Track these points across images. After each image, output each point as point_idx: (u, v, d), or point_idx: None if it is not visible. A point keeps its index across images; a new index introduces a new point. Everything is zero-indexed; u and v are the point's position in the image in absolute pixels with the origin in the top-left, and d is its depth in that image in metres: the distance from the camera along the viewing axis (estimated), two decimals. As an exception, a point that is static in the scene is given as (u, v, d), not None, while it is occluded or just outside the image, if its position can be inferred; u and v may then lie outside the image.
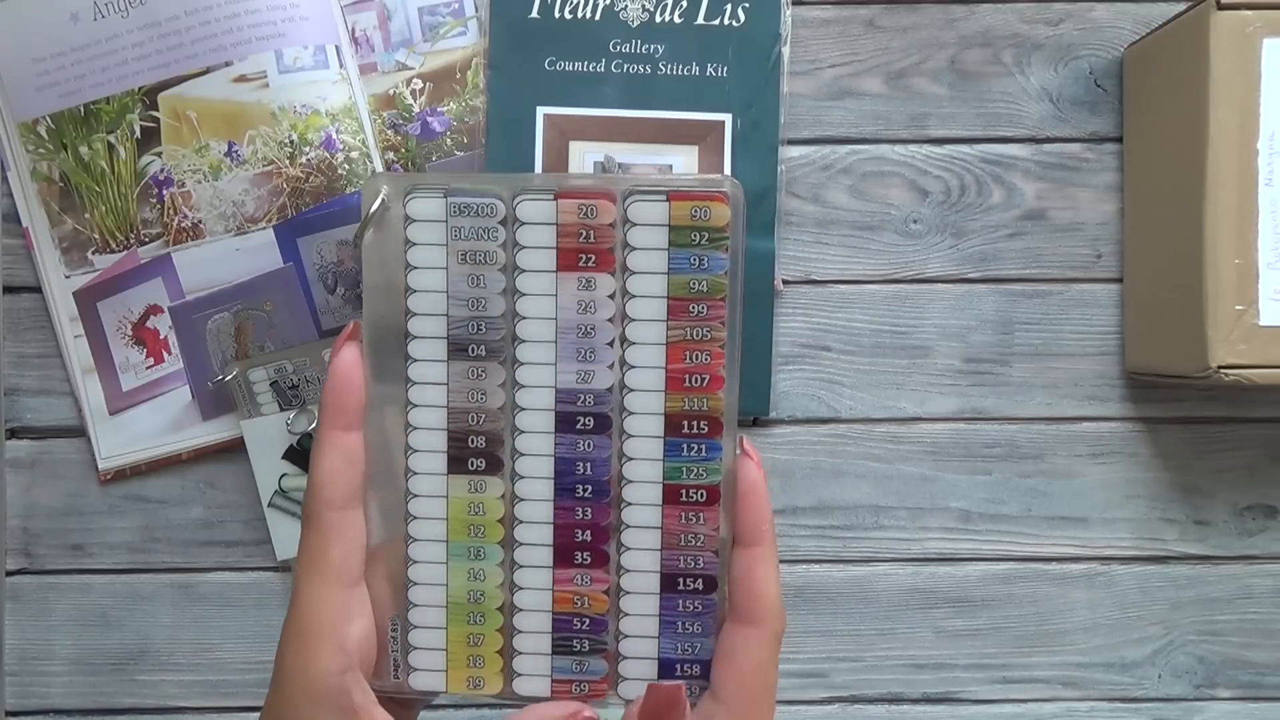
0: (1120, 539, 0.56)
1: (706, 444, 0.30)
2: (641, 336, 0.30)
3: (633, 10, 0.55)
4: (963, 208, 0.56)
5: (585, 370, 0.30)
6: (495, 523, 0.31)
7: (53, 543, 0.56)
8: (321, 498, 0.29)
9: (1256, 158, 0.48)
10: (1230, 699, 0.56)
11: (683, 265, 0.30)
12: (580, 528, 0.31)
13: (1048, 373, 0.56)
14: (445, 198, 0.30)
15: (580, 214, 0.30)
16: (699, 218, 0.30)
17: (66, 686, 0.56)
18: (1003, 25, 0.56)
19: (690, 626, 0.31)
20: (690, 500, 0.30)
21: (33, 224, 0.55)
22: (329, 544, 0.29)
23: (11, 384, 0.56)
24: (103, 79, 0.54)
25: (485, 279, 0.30)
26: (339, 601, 0.29)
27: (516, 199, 0.30)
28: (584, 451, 0.30)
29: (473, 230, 0.30)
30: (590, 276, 0.30)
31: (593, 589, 0.31)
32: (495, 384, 0.30)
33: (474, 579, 0.31)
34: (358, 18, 0.55)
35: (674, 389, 0.30)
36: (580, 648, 0.31)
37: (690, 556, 0.30)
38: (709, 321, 0.30)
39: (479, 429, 0.30)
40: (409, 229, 0.30)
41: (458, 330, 0.30)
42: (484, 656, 0.31)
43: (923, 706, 0.56)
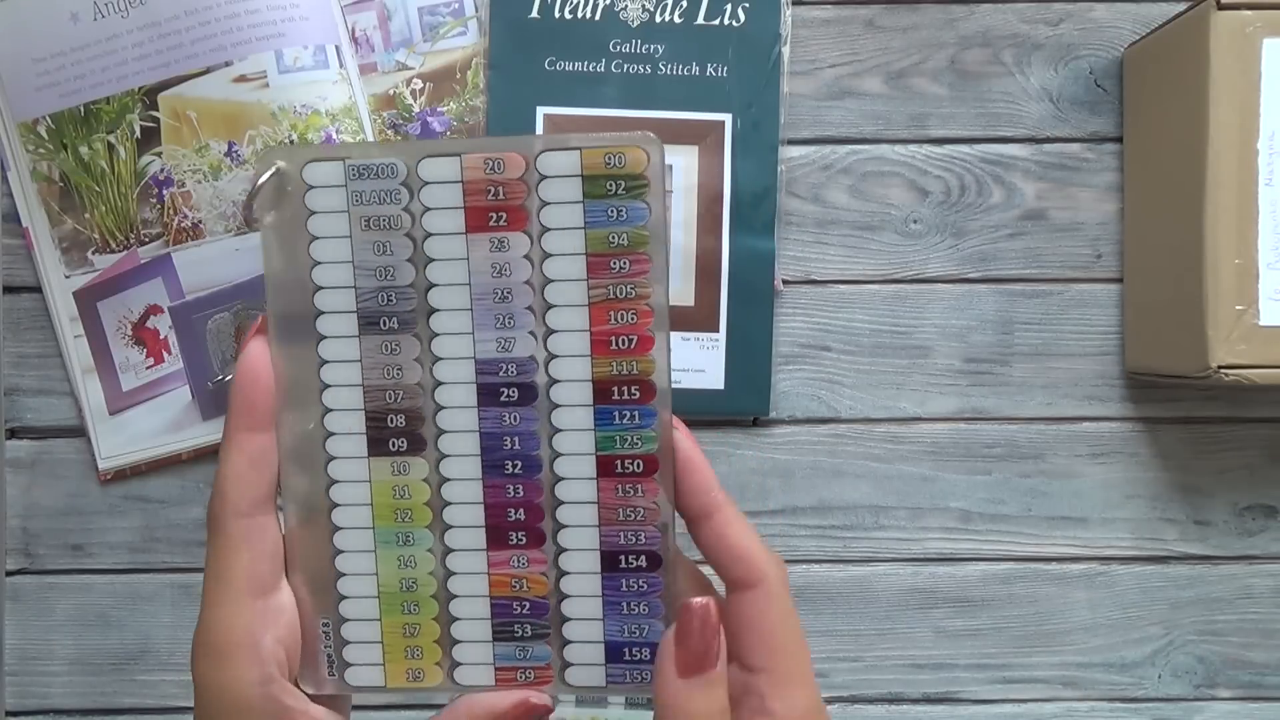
0: (1120, 539, 0.56)
1: (639, 410, 0.28)
2: (562, 298, 0.28)
3: (633, 10, 0.55)
4: (963, 208, 0.56)
5: (505, 338, 0.28)
6: (422, 505, 0.29)
7: (53, 543, 0.56)
8: (227, 504, 0.27)
9: (1256, 158, 0.48)
10: (1230, 699, 0.56)
11: (600, 218, 0.28)
12: (512, 506, 0.29)
13: (1048, 373, 0.56)
14: (344, 161, 0.28)
15: (487, 169, 0.28)
16: (613, 165, 0.27)
17: (66, 686, 0.56)
18: (1003, 25, 0.56)
19: (636, 607, 0.29)
20: (626, 471, 0.28)
21: (33, 224, 0.55)
22: (236, 554, 0.27)
23: (11, 384, 0.56)
24: (103, 79, 0.54)
25: (391, 245, 0.28)
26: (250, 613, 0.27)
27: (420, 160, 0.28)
28: (510, 425, 0.28)
29: (374, 194, 0.28)
30: (502, 236, 0.28)
31: (530, 570, 0.29)
32: (410, 358, 0.28)
33: (405, 566, 0.29)
34: (358, 18, 0.55)
35: (600, 352, 0.28)
36: (522, 633, 0.29)
37: (631, 532, 0.29)
38: (633, 278, 0.28)
39: (398, 407, 0.29)
40: (308, 196, 0.28)
41: (367, 302, 0.28)
42: (422, 647, 0.29)
43: (923, 706, 0.56)
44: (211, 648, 0.27)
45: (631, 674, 0.29)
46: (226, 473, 0.28)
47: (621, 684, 0.29)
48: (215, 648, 0.27)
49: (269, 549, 0.28)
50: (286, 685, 0.28)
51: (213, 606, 0.27)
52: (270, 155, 0.28)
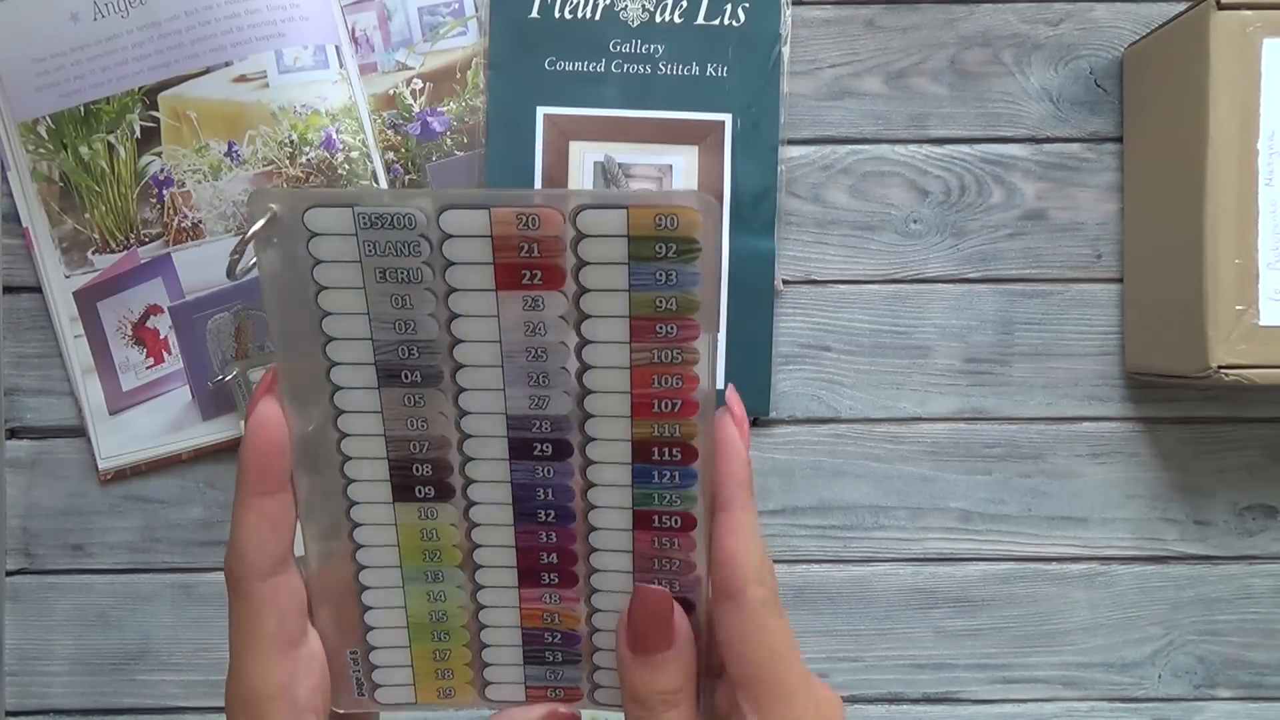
0: (1120, 539, 0.56)
1: (680, 471, 0.27)
2: (602, 360, 0.26)
3: (633, 10, 0.55)
4: (963, 208, 0.56)
5: (538, 395, 0.27)
6: (451, 547, 0.28)
7: (53, 543, 0.56)
8: (246, 567, 0.27)
9: (1256, 158, 0.48)
10: (1230, 699, 0.56)
11: (646, 281, 0.26)
12: (545, 550, 0.28)
13: (1048, 373, 0.56)
14: (353, 209, 0.26)
15: (520, 224, 0.25)
16: (664, 227, 0.25)
17: (66, 686, 0.56)
18: (1003, 25, 0.56)
19: None
20: (664, 526, 0.27)
21: (33, 224, 0.55)
22: (262, 615, 0.27)
23: (11, 384, 0.56)
24: (103, 79, 0.54)
25: (411, 299, 0.26)
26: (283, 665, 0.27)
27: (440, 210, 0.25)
28: (544, 478, 0.27)
29: (390, 245, 0.26)
30: (537, 295, 0.26)
31: (563, 606, 0.29)
32: (436, 411, 0.27)
33: (434, 600, 0.29)
34: (358, 18, 0.55)
35: (641, 415, 0.27)
36: (553, 658, 0.29)
37: (665, 580, 0.28)
38: (680, 343, 0.26)
39: (423, 457, 0.27)
40: (312, 244, 0.26)
41: (386, 355, 0.27)
42: (452, 670, 0.29)
43: (923, 706, 0.56)
44: (246, 703, 0.27)
45: None
46: (244, 536, 0.27)
47: None
48: (250, 703, 0.27)
49: (294, 604, 0.28)
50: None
51: (246, 663, 0.27)
52: (263, 198, 0.26)
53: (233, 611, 0.27)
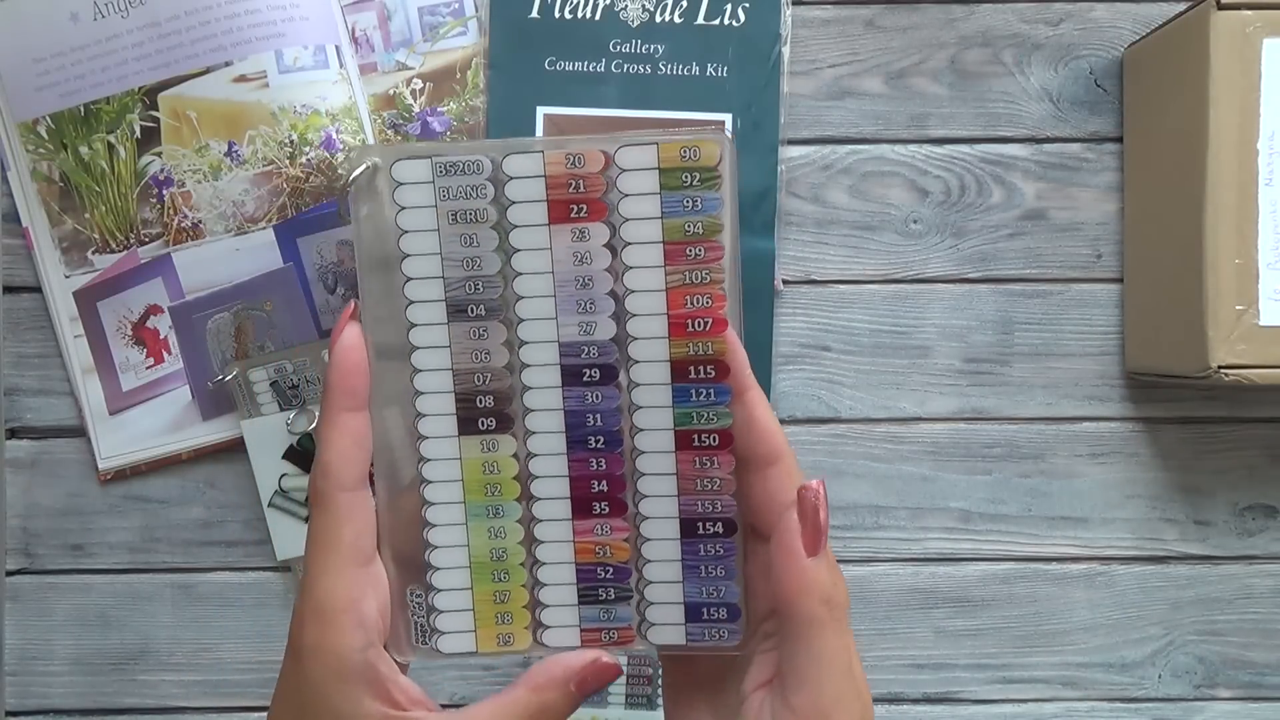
0: (1120, 539, 0.56)
1: (714, 388, 0.30)
2: (640, 284, 0.30)
3: (633, 10, 0.55)
4: (963, 208, 0.56)
5: (587, 322, 0.30)
6: (511, 480, 0.31)
7: (53, 543, 0.56)
8: (331, 479, 0.29)
9: (1256, 158, 0.48)
10: (1230, 699, 0.56)
11: (676, 208, 0.29)
12: (596, 478, 0.30)
13: (1048, 373, 0.56)
14: (432, 159, 0.30)
15: (568, 164, 0.29)
16: (689, 158, 0.29)
17: (66, 686, 0.56)
18: (1003, 25, 0.56)
19: (713, 570, 0.30)
20: (703, 445, 0.30)
21: (33, 224, 0.55)
22: (341, 525, 0.29)
23: (11, 384, 0.56)
24: (103, 79, 0.54)
25: (478, 238, 0.30)
26: (355, 580, 0.29)
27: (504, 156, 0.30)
28: (593, 403, 0.30)
29: (461, 189, 0.30)
30: (583, 227, 0.30)
31: (614, 538, 0.31)
32: (498, 342, 0.30)
33: (495, 537, 0.31)
34: (358, 18, 0.55)
35: (677, 335, 0.30)
36: (606, 596, 0.31)
37: (708, 501, 0.30)
38: (707, 264, 0.29)
39: (486, 388, 0.30)
40: (397, 193, 0.30)
41: (455, 291, 0.30)
42: (511, 612, 0.31)
43: (923, 706, 0.56)
44: (319, 613, 0.28)
45: (710, 632, 0.31)
46: (331, 451, 0.29)
47: (700, 642, 0.31)
48: (323, 613, 0.28)
49: (369, 520, 0.30)
50: (383, 652, 0.29)
51: (320, 574, 0.29)
52: (363, 153, 0.30)
53: (313, 525, 0.29)
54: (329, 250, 0.54)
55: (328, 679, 0.28)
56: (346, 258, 0.54)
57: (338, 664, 0.28)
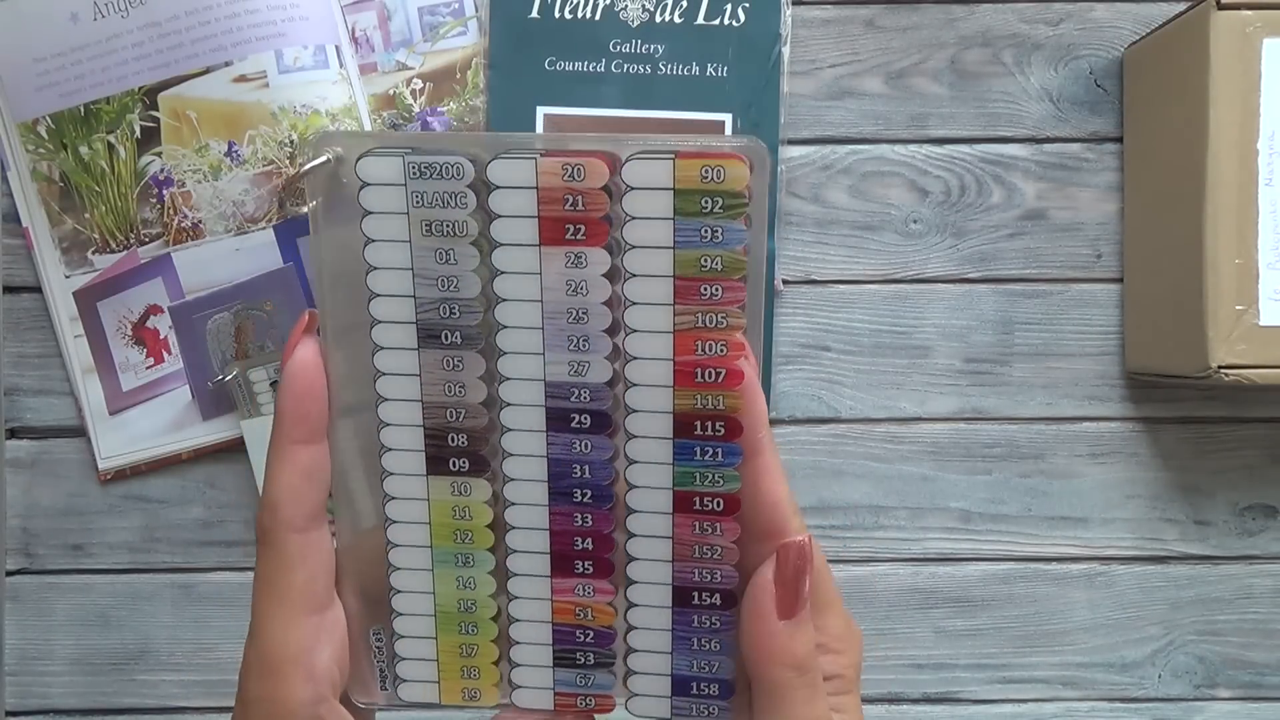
0: (1120, 539, 0.56)
1: (723, 448, 0.26)
2: (644, 323, 0.25)
3: (633, 10, 0.55)
4: (963, 208, 0.56)
5: (578, 361, 0.26)
6: (484, 528, 0.27)
7: (53, 543, 0.56)
8: (280, 519, 0.26)
9: (1256, 158, 0.48)
10: (1230, 699, 0.56)
11: (692, 238, 0.25)
12: (580, 535, 0.27)
13: (1048, 373, 0.56)
14: (404, 157, 0.25)
15: (565, 175, 0.25)
16: (711, 180, 0.24)
17: (66, 686, 0.56)
18: (1003, 25, 0.56)
19: (707, 643, 0.27)
20: (705, 509, 0.26)
21: (33, 224, 0.55)
22: (291, 570, 0.26)
23: (11, 384, 0.56)
24: (103, 79, 0.54)
25: (455, 254, 0.25)
26: (305, 629, 0.26)
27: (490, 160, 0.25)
28: (580, 453, 0.26)
29: (437, 196, 0.25)
30: (580, 252, 0.25)
31: (597, 600, 0.27)
32: (474, 376, 0.26)
33: (464, 587, 0.28)
34: (358, 18, 0.55)
35: (683, 384, 0.26)
36: (585, 660, 0.28)
37: (707, 570, 0.27)
38: (724, 306, 0.25)
39: (459, 426, 0.27)
40: (362, 195, 0.25)
41: (427, 314, 0.26)
42: (479, 667, 0.28)
43: (923, 706, 0.56)
44: (264, 665, 0.26)
45: (698, 708, 0.28)
46: (278, 486, 0.26)
47: (686, 716, 0.28)
48: (268, 665, 0.26)
49: (324, 564, 0.27)
50: (336, 706, 0.27)
51: (266, 622, 0.26)
52: (325, 141, 0.26)
53: (260, 565, 0.27)
54: (329, 250, 0.54)
55: None
56: (346, 258, 0.54)
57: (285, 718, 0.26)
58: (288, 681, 0.26)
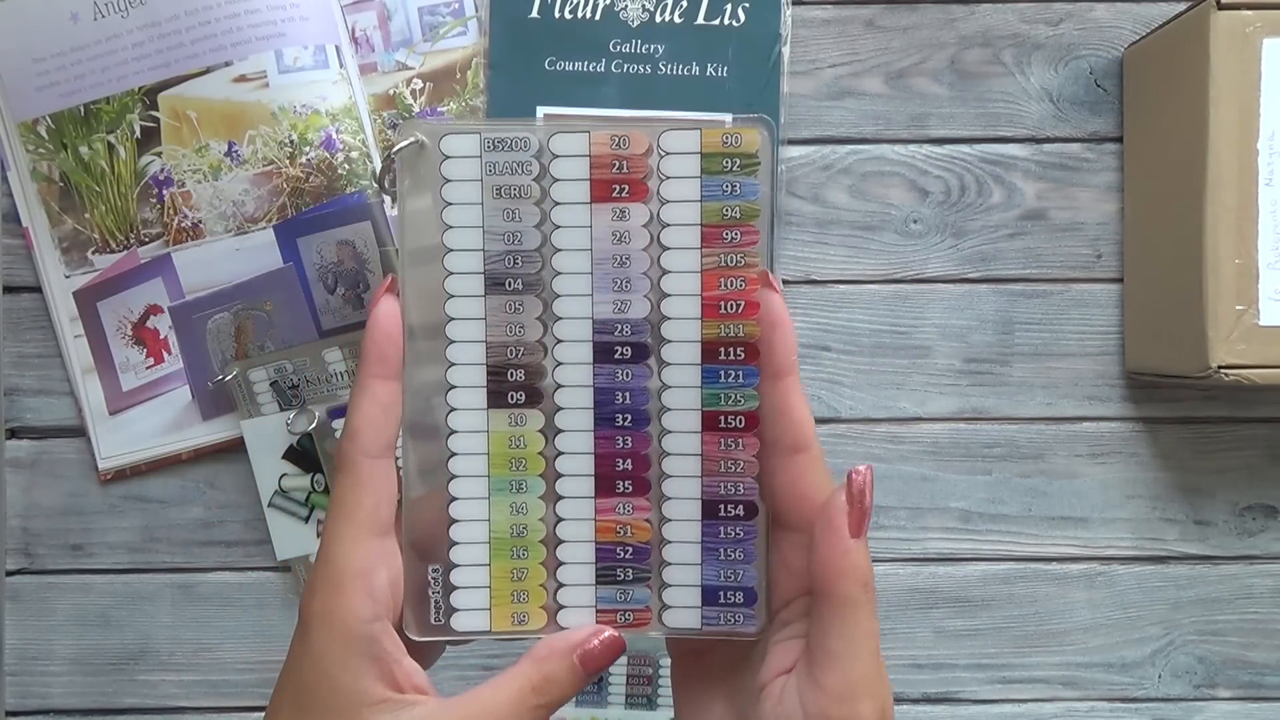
0: (1120, 539, 0.56)
1: (743, 370, 0.30)
2: (676, 264, 0.30)
3: (633, 10, 0.55)
4: (963, 208, 0.56)
5: (621, 300, 0.31)
6: (536, 455, 0.31)
7: (53, 543, 0.56)
8: (358, 444, 0.29)
9: (1256, 158, 0.48)
10: (1230, 699, 0.56)
11: (715, 192, 0.30)
12: (621, 456, 0.31)
13: (1048, 373, 0.56)
14: (480, 133, 0.30)
15: (613, 144, 0.30)
16: (730, 145, 0.30)
17: (66, 686, 0.56)
18: (1003, 25, 0.56)
19: (732, 553, 0.31)
20: (729, 426, 0.30)
21: (33, 224, 0.55)
22: (363, 492, 0.29)
23: (11, 384, 0.56)
24: (103, 79, 0.54)
25: (520, 213, 0.31)
26: (369, 550, 0.29)
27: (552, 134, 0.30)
28: (622, 381, 0.31)
29: (507, 165, 0.30)
30: (624, 207, 0.30)
31: (635, 517, 0.31)
32: (533, 317, 0.31)
33: (516, 512, 0.31)
34: (358, 18, 0.55)
35: (710, 316, 0.30)
36: (624, 576, 0.31)
37: (731, 483, 0.30)
38: (743, 247, 0.30)
39: (518, 362, 0.31)
40: (444, 166, 0.31)
41: (494, 265, 0.31)
42: (528, 591, 0.31)
43: (923, 706, 0.56)
44: (329, 579, 0.28)
45: (725, 616, 0.31)
46: (360, 416, 0.29)
47: (715, 625, 0.31)
48: (333, 579, 0.28)
49: (390, 492, 0.29)
50: (389, 627, 0.29)
51: (335, 540, 0.29)
52: (410, 127, 0.31)
53: (335, 489, 0.29)
54: (329, 250, 0.54)
55: (332, 648, 0.28)
56: (347, 257, 0.54)
57: (343, 633, 0.28)
58: (349, 596, 0.28)
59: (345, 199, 0.54)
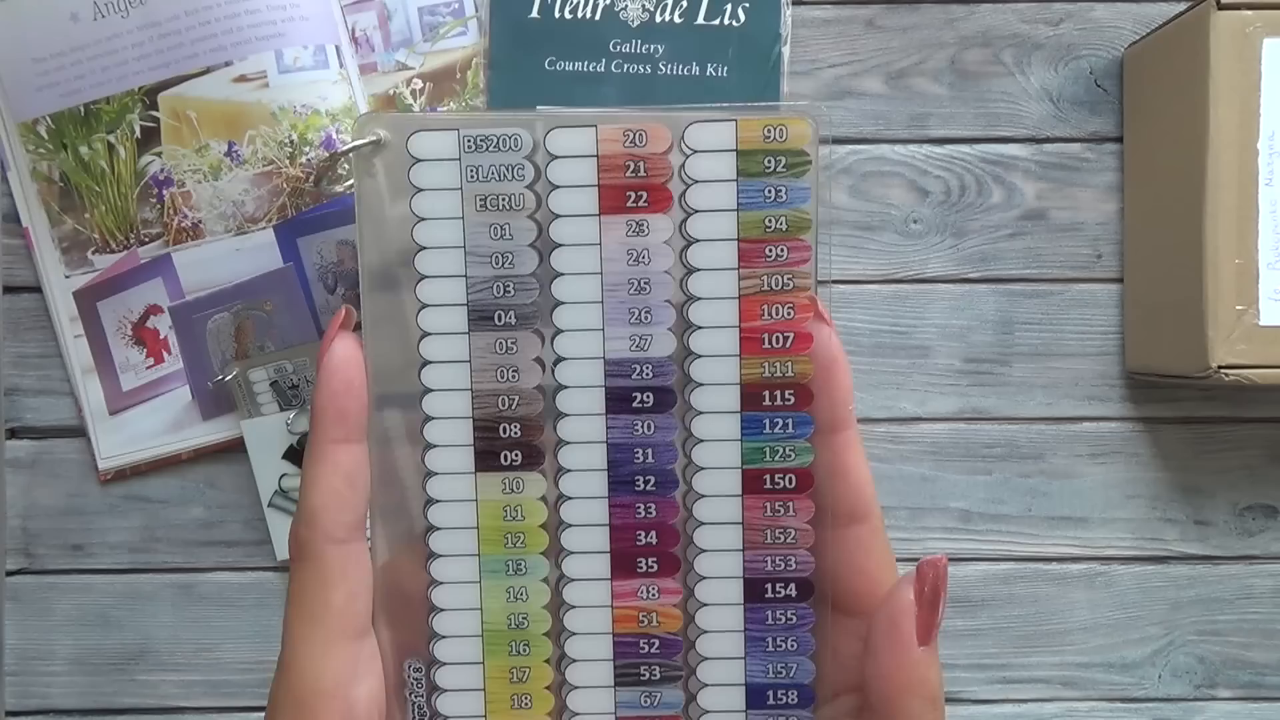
0: (1120, 539, 0.56)
1: (793, 418, 0.25)
2: (708, 290, 0.25)
3: (633, 10, 0.55)
4: (963, 208, 0.56)
5: (640, 335, 0.25)
6: (537, 529, 0.25)
7: (53, 543, 0.56)
8: (319, 528, 0.23)
9: (1256, 158, 0.48)
10: (1230, 699, 0.56)
11: (756, 199, 0.25)
12: (643, 528, 0.25)
13: (1048, 373, 0.56)
14: (459, 131, 0.24)
15: (626, 141, 0.24)
16: (773, 139, 0.25)
17: (66, 686, 0.56)
18: (1003, 25, 0.56)
19: (784, 643, 0.25)
20: (776, 488, 0.25)
21: (33, 224, 0.55)
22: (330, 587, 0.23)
23: (11, 384, 0.56)
24: (103, 79, 0.54)
25: (511, 229, 0.25)
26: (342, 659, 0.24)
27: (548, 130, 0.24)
28: (643, 435, 0.25)
29: (493, 169, 0.24)
30: (642, 219, 0.25)
31: (662, 602, 0.25)
32: (529, 358, 0.25)
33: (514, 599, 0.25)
34: (358, 18, 0.55)
35: (750, 352, 0.25)
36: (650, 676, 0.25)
37: (780, 556, 0.25)
38: (791, 267, 0.25)
39: (512, 415, 0.25)
40: (413, 171, 0.24)
41: (480, 294, 0.25)
42: (531, 694, 0.25)
43: (923, 706, 0.56)
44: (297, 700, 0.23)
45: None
46: (318, 491, 0.24)
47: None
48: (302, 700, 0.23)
49: (364, 582, 0.24)
50: None
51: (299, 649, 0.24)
52: (369, 123, 0.25)
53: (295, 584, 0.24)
54: (329, 250, 0.54)
55: None
56: (347, 257, 0.54)
57: None
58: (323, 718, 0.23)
59: (345, 199, 0.54)
